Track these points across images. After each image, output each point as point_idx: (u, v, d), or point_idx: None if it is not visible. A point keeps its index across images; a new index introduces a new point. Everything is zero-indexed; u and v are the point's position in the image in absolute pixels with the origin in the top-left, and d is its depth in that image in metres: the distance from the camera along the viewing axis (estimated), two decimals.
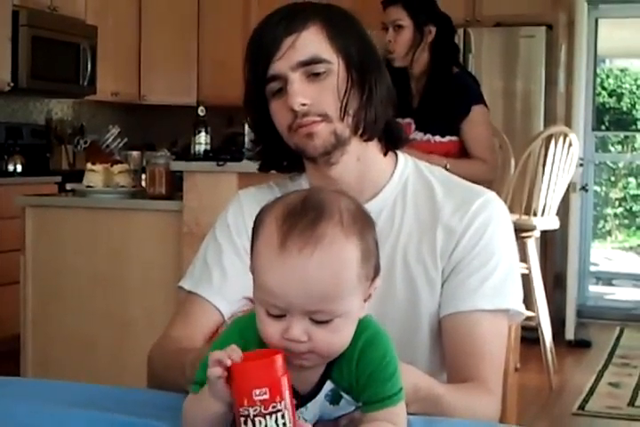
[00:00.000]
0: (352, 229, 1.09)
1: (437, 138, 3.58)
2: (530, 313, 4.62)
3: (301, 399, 1.12)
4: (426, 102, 3.59)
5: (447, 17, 3.71)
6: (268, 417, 1.03)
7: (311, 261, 1.06)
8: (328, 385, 1.13)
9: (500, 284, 1.50)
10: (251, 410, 1.03)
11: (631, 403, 4.43)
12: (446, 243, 1.51)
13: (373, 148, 1.56)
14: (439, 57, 3.61)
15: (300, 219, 1.08)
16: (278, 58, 1.46)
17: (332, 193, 1.15)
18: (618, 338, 5.80)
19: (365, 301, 1.13)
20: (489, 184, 3.94)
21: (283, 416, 1.03)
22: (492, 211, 1.53)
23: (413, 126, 3.55)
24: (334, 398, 1.14)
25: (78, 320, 3.76)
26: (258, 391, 1.03)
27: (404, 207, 1.56)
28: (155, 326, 1.71)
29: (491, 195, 1.56)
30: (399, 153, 1.63)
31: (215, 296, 1.57)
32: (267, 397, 1.03)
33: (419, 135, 3.55)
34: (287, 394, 1.04)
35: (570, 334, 5.64)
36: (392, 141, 1.58)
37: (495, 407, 1.47)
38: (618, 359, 5.27)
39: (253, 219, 1.15)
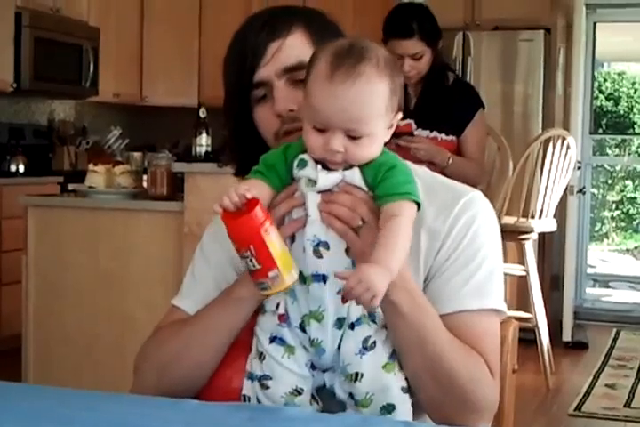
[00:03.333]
0: (385, 71, 1.34)
1: (443, 135, 3.63)
2: (527, 315, 4.66)
3: (324, 166, 1.36)
4: (425, 103, 3.62)
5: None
6: (242, 260, 1.32)
7: (350, 90, 1.31)
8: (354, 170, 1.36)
9: (484, 282, 1.45)
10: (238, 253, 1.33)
11: (627, 404, 4.46)
12: (430, 246, 1.46)
13: None
14: (436, 61, 3.64)
15: (347, 59, 1.32)
16: (264, 64, 1.46)
17: (372, 42, 1.38)
18: (614, 340, 5.83)
19: (388, 129, 1.38)
20: (482, 187, 4.01)
21: (251, 260, 1.30)
22: (476, 209, 1.48)
23: (414, 126, 3.59)
24: (347, 168, 1.35)
25: (80, 319, 3.78)
26: (233, 243, 1.32)
27: None
28: (155, 325, 1.72)
29: (475, 194, 1.51)
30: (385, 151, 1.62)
31: (194, 308, 1.53)
32: (237, 246, 1.31)
33: (424, 132, 3.59)
34: (254, 246, 1.29)
35: (567, 336, 5.66)
36: None
37: (495, 388, 1.44)
38: (614, 361, 5.30)
39: None
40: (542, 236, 5.24)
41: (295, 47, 1.47)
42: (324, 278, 1.35)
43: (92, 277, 3.78)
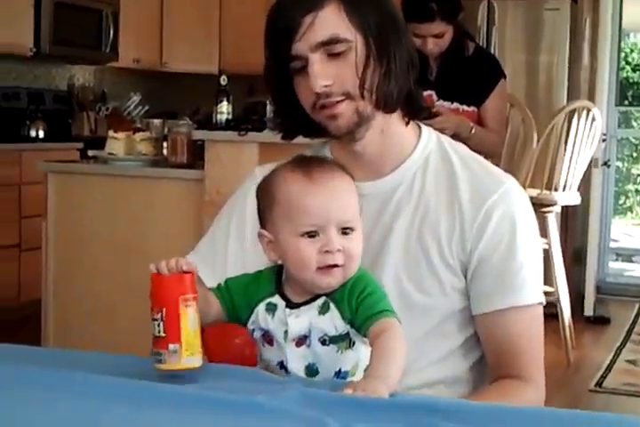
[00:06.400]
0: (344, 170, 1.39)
1: (465, 107, 3.59)
2: (549, 288, 4.62)
3: (295, 305, 1.36)
4: (446, 74, 3.60)
5: None
6: (151, 322, 1.28)
7: (337, 183, 1.36)
8: (320, 300, 1.35)
9: (527, 278, 1.52)
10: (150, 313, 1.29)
11: None
12: (462, 230, 1.51)
13: (396, 118, 1.56)
14: (458, 33, 3.59)
15: (309, 162, 1.38)
16: (298, 39, 1.45)
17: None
18: (637, 315, 5.77)
19: None
20: (499, 157, 3.97)
21: (159, 325, 1.26)
22: (512, 203, 1.53)
23: (435, 97, 3.55)
24: (323, 309, 1.35)
25: (99, 286, 3.77)
26: (151, 299, 1.29)
27: (424, 183, 1.56)
28: None
29: (510, 184, 1.55)
30: (423, 127, 1.62)
31: (214, 283, 1.55)
32: (152, 305, 1.28)
33: (446, 104, 3.56)
34: (166, 310, 1.25)
35: (589, 311, 5.63)
36: (413, 111, 1.58)
37: (540, 398, 1.52)
38: (636, 336, 5.25)
39: None
40: (565, 209, 5.19)
41: (329, 20, 1.45)
42: None
43: (111, 245, 3.76)
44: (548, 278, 4.79)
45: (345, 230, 1.34)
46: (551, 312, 4.53)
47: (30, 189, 4.98)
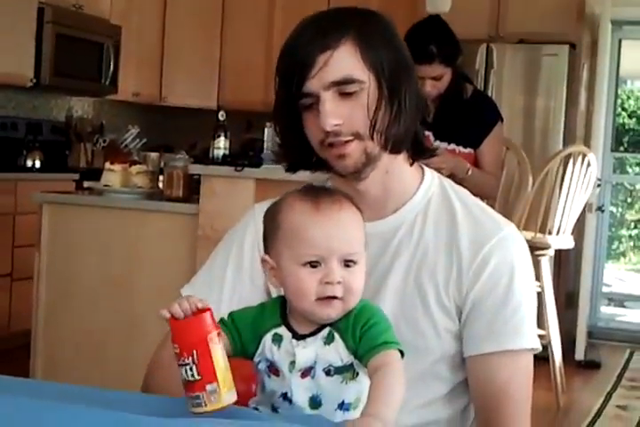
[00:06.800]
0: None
1: (461, 148, 3.61)
2: (541, 332, 4.60)
3: (301, 336, 1.35)
4: (443, 116, 3.60)
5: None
6: (181, 368, 1.23)
7: (343, 215, 1.35)
8: (325, 330, 1.34)
9: (520, 323, 1.51)
10: (176, 359, 1.25)
11: (639, 426, 4.40)
12: (459, 273, 1.51)
13: (401, 159, 1.57)
14: (456, 75, 3.61)
15: (317, 192, 1.38)
16: (312, 76, 1.45)
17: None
18: (628, 360, 5.76)
19: None
20: (494, 199, 3.99)
21: (191, 369, 1.22)
22: (510, 249, 1.53)
23: (432, 138, 3.57)
24: (328, 340, 1.34)
25: (89, 318, 3.76)
26: (174, 346, 1.25)
27: (424, 226, 1.56)
28: (166, 327, 1.70)
29: (509, 230, 1.55)
30: (426, 169, 1.63)
31: None
32: (177, 352, 1.24)
33: (443, 144, 3.57)
34: (197, 353, 1.22)
35: (580, 355, 5.61)
36: (418, 152, 1.58)
37: None
38: (627, 382, 5.23)
39: None
40: (559, 252, 5.19)
41: (344, 60, 1.46)
42: None
43: (104, 277, 3.75)
44: (540, 322, 4.77)
45: (347, 263, 1.33)
46: (542, 356, 4.50)
47: (24, 219, 4.97)
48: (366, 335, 1.31)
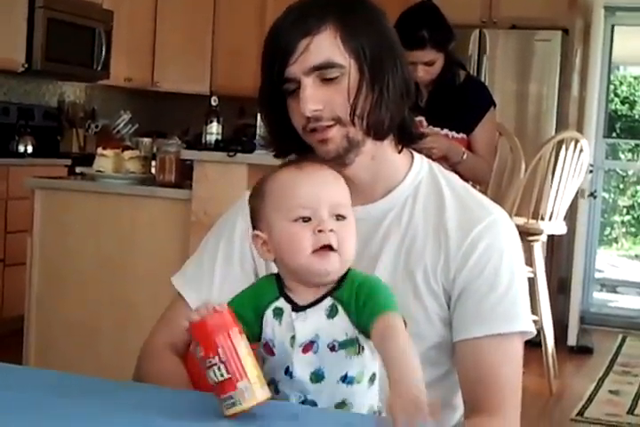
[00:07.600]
0: None
1: (454, 133, 3.60)
2: (533, 317, 4.61)
3: (301, 308, 1.34)
4: (436, 101, 3.60)
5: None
6: (209, 371, 1.20)
7: (326, 172, 1.40)
8: (328, 301, 1.33)
9: (511, 306, 1.49)
10: (203, 363, 1.22)
11: (630, 411, 4.42)
12: (446, 257, 1.51)
13: (388, 146, 1.57)
14: (448, 61, 3.60)
15: (300, 159, 1.45)
16: (292, 62, 1.46)
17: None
18: (620, 346, 5.79)
19: None
20: (487, 185, 3.99)
21: (219, 369, 1.19)
22: (499, 232, 1.52)
23: (425, 123, 3.56)
24: (331, 313, 1.32)
25: (82, 304, 3.75)
26: (198, 349, 1.22)
27: (413, 210, 1.56)
28: (158, 313, 1.71)
29: (499, 215, 1.55)
30: (416, 155, 1.62)
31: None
32: (202, 354, 1.21)
33: (435, 130, 3.56)
34: (222, 350, 1.20)
35: (572, 340, 5.63)
36: (406, 139, 1.58)
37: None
38: (619, 367, 5.25)
39: None
40: (551, 238, 5.20)
41: (324, 45, 1.46)
42: None
43: (96, 262, 3.74)
44: (533, 307, 4.74)
45: (337, 217, 1.35)
46: (534, 341, 4.52)
47: (17, 205, 4.96)
48: (369, 303, 1.29)
